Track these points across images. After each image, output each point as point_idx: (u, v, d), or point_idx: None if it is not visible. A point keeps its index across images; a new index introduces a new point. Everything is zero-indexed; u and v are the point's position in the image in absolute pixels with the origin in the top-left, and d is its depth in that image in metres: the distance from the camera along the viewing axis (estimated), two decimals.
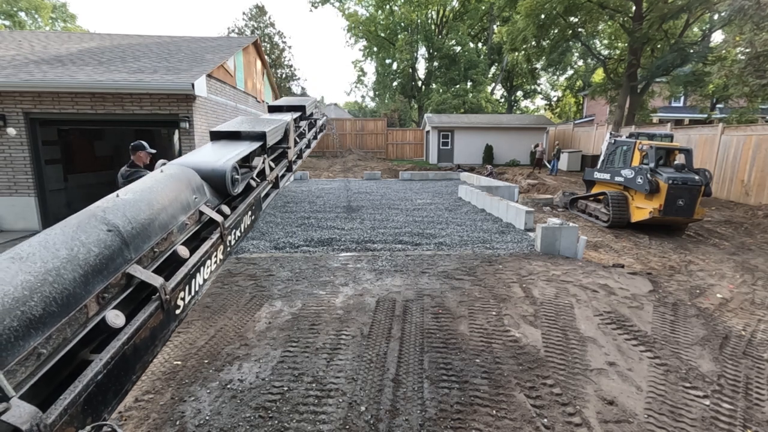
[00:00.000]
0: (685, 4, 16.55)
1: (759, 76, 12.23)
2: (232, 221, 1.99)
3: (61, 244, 1.15)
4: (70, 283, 1.09)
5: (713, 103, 26.21)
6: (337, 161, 25.23)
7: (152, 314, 1.31)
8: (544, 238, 7.13)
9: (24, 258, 1.05)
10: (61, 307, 1.04)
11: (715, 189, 12.94)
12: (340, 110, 47.13)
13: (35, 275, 1.02)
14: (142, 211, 1.46)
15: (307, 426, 2.88)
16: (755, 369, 3.77)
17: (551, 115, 46.57)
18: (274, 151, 2.92)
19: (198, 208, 1.80)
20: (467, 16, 36.35)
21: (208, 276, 1.76)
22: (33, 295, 0.99)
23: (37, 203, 8.55)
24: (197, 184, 1.86)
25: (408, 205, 11.88)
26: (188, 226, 1.72)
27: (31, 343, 0.95)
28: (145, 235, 1.42)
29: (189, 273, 1.56)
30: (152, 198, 1.56)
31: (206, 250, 1.71)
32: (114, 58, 9.69)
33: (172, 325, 1.47)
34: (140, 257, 1.38)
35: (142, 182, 1.68)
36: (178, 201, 1.68)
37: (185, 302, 1.56)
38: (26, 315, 0.95)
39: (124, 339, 1.17)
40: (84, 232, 1.23)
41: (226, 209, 1.99)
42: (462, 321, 4.50)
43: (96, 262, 1.19)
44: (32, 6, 35.04)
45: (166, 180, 1.72)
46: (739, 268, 6.79)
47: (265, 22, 27.58)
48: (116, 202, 1.43)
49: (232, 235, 2.02)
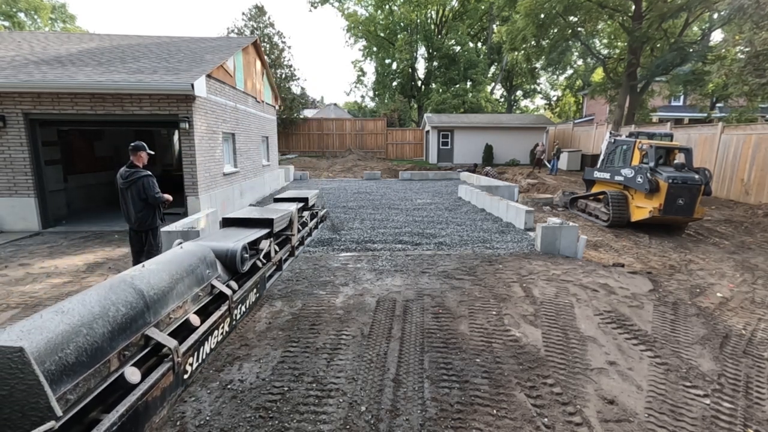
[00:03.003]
0: (685, 4, 16.55)
1: (758, 75, 12.22)
2: (239, 296, 2.19)
3: (96, 302, 1.30)
4: (100, 337, 1.21)
5: (713, 103, 26.21)
6: (337, 161, 25.23)
7: (164, 374, 1.41)
8: (544, 238, 7.13)
9: (65, 312, 1.19)
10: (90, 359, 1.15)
11: (715, 188, 12.94)
12: (340, 110, 47.10)
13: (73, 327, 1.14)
14: (163, 280, 1.63)
15: (307, 426, 2.88)
16: (755, 368, 3.77)
17: (551, 114, 46.56)
18: (279, 237, 3.24)
19: (210, 282, 1.99)
20: (467, 16, 36.34)
21: (214, 346, 1.90)
22: (69, 344, 1.09)
23: (36, 204, 8.55)
24: (211, 261, 2.07)
25: (408, 205, 11.88)
26: (201, 297, 1.91)
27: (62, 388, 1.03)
28: (164, 301, 1.58)
29: (199, 339, 1.69)
30: (173, 270, 1.74)
31: (215, 320, 1.87)
32: (113, 59, 9.69)
33: (179, 389, 1.56)
34: (158, 321, 1.52)
35: (165, 256, 1.91)
36: (194, 274, 1.87)
37: (192, 368, 1.67)
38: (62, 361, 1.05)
39: (139, 395, 1.26)
40: (115, 293, 1.39)
41: (234, 285, 2.21)
42: (462, 321, 4.50)
43: (122, 320, 1.33)
44: (32, 7, 35.02)
45: (185, 255, 1.95)
46: (739, 267, 6.79)
47: (264, 22, 27.49)
48: (143, 271, 1.62)
49: (238, 309, 2.21)
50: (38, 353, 0.97)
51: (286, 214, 3.16)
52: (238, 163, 11.44)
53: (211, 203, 9.20)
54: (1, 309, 4.73)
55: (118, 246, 7.46)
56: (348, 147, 28.53)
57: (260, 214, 2.95)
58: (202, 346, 1.74)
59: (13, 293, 5.21)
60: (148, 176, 5.06)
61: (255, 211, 3.06)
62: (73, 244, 7.62)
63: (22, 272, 6.01)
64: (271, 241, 2.82)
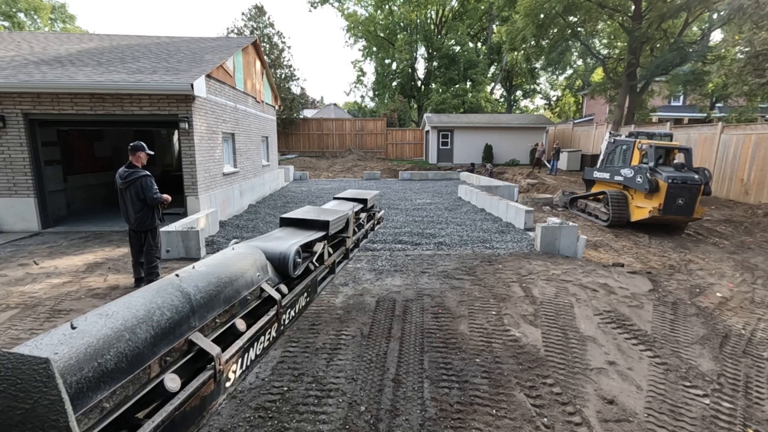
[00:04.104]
0: (684, 3, 16.55)
1: (758, 75, 12.23)
2: (288, 300, 2.10)
3: (141, 305, 1.26)
4: (142, 342, 1.18)
5: (713, 102, 26.22)
6: (337, 161, 25.22)
7: (205, 382, 1.35)
8: (544, 238, 7.13)
9: (109, 315, 1.17)
10: (129, 365, 1.12)
11: (714, 188, 12.95)
12: (340, 110, 47.06)
13: (115, 331, 1.11)
14: (211, 284, 1.57)
15: (307, 426, 2.88)
16: (755, 368, 3.77)
17: (551, 114, 46.56)
18: (334, 239, 3.11)
19: (260, 285, 1.92)
20: (466, 16, 36.32)
21: (260, 352, 1.82)
22: (110, 350, 1.07)
23: (36, 204, 8.55)
24: (262, 264, 2.00)
25: (408, 205, 11.88)
26: (249, 301, 1.83)
27: (98, 395, 1.00)
28: (211, 305, 1.53)
29: (243, 346, 1.62)
30: (222, 272, 1.68)
31: (262, 326, 1.78)
32: (113, 59, 9.68)
33: (221, 397, 1.50)
34: (203, 326, 1.46)
35: (215, 257, 1.84)
36: (244, 278, 1.80)
37: (236, 375, 1.61)
38: (101, 367, 1.02)
39: (177, 404, 1.21)
40: (161, 296, 1.35)
41: (284, 288, 2.11)
42: (462, 321, 4.50)
43: (166, 325, 1.29)
44: (31, 7, 35.00)
45: (236, 257, 1.89)
46: (739, 266, 6.79)
47: (264, 22, 27.50)
48: (191, 273, 1.58)
49: (287, 314, 2.13)
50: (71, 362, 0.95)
51: (343, 216, 3.05)
52: (237, 163, 11.43)
53: (210, 203, 9.20)
54: (1, 309, 4.73)
55: (117, 246, 7.46)
56: (348, 147, 28.52)
57: (317, 215, 2.83)
58: (246, 352, 1.67)
59: (12, 293, 5.20)
60: (146, 176, 5.05)
61: (312, 212, 2.94)
62: (72, 244, 7.62)
63: (22, 272, 6.00)
64: (325, 244, 2.72)
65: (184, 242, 6.70)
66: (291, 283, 2.25)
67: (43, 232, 8.47)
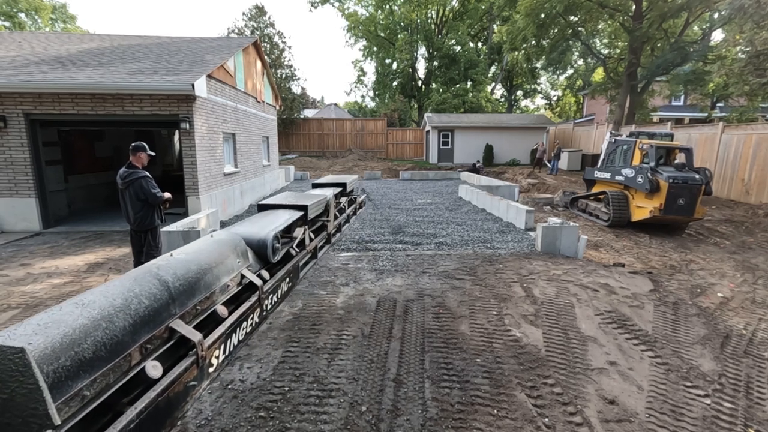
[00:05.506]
0: (685, 3, 16.54)
1: (759, 75, 12.22)
2: (270, 286, 2.11)
3: (118, 294, 1.26)
4: (120, 330, 1.17)
5: (713, 102, 26.20)
6: (337, 161, 25.23)
7: (188, 368, 1.36)
8: (545, 238, 7.13)
9: (86, 304, 1.16)
10: (109, 353, 1.11)
11: (715, 188, 12.93)
12: (340, 110, 47.06)
13: (92, 320, 1.10)
14: (191, 271, 1.57)
15: (308, 426, 2.88)
16: (756, 368, 3.77)
17: (551, 114, 46.53)
18: (315, 224, 3.12)
19: (240, 271, 1.93)
20: (467, 16, 36.30)
21: (242, 338, 1.84)
22: (87, 339, 1.06)
23: (37, 204, 8.56)
24: (242, 250, 2.01)
25: (408, 205, 11.88)
26: (230, 287, 1.84)
27: (78, 384, 0.99)
28: (191, 292, 1.53)
29: (226, 332, 1.64)
30: (201, 259, 1.69)
31: (244, 312, 1.80)
32: (114, 59, 9.69)
33: (204, 382, 1.52)
34: (183, 313, 1.46)
35: (194, 245, 1.85)
36: (224, 264, 1.81)
37: (218, 361, 1.62)
38: (78, 356, 1.01)
39: (159, 390, 1.21)
40: (139, 284, 1.34)
41: (265, 274, 2.13)
42: (463, 321, 4.50)
43: (145, 313, 1.28)
44: (32, 7, 35.03)
45: (215, 244, 1.89)
46: (740, 267, 6.79)
47: (264, 22, 27.50)
48: (170, 261, 1.58)
49: (269, 299, 2.13)
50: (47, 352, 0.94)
51: (321, 200, 3.02)
52: (238, 163, 11.44)
53: (211, 203, 9.20)
54: (2, 309, 4.74)
55: (118, 246, 7.47)
56: (348, 147, 28.52)
57: (295, 200, 2.81)
58: (229, 338, 1.69)
59: (13, 293, 5.21)
60: (146, 177, 5.06)
61: (290, 197, 2.94)
62: (73, 244, 7.63)
63: (23, 272, 6.01)
64: (305, 229, 2.71)
65: (185, 242, 6.70)
66: (272, 269, 2.26)
67: (44, 232, 8.48)
